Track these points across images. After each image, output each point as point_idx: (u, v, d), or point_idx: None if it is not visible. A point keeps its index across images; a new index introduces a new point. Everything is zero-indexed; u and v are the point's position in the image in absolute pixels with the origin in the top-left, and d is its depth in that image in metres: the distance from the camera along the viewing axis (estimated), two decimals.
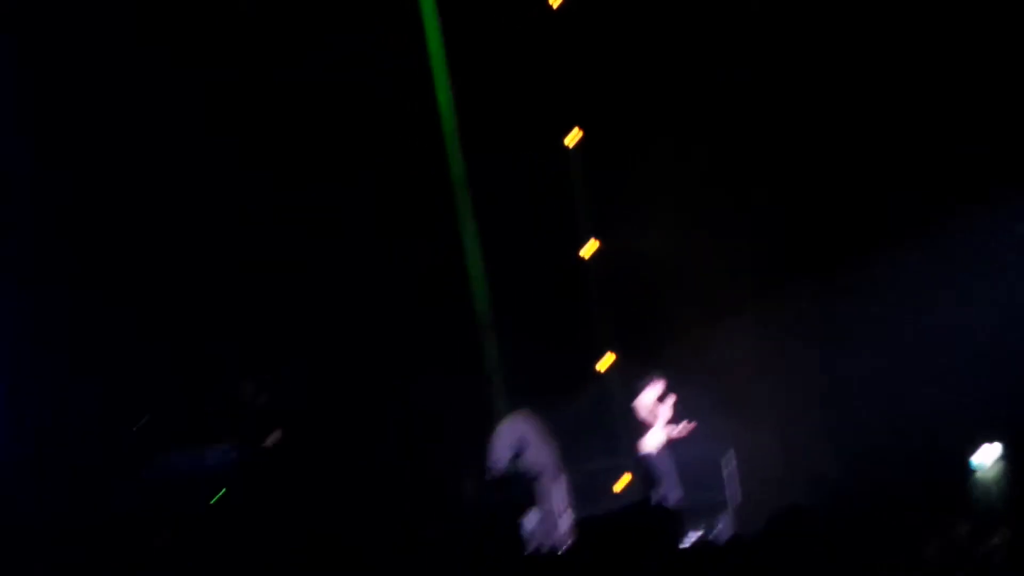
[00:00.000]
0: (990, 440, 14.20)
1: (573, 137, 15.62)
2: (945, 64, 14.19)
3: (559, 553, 11.76)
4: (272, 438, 11.67)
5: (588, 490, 14.24)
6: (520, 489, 12.21)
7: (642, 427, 12.47)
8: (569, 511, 13.54)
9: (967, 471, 14.06)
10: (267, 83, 13.50)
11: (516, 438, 13.48)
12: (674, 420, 12.50)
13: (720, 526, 12.88)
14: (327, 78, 13.68)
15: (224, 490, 11.47)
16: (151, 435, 12.05)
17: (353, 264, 13.61)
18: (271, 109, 13.54)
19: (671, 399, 12.50)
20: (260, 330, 12.95)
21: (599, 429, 15.10)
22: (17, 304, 12.15)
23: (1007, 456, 14.21)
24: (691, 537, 12.20)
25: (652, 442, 12.39)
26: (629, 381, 14.43)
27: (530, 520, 12.16)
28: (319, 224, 13.57)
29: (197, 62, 12.98)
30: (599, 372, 15.54)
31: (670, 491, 12.23)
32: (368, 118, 13.90)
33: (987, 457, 14.23)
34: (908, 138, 14.35)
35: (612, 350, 15.51)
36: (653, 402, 12.50)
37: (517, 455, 13.05)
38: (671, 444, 12.53)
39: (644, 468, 12.43)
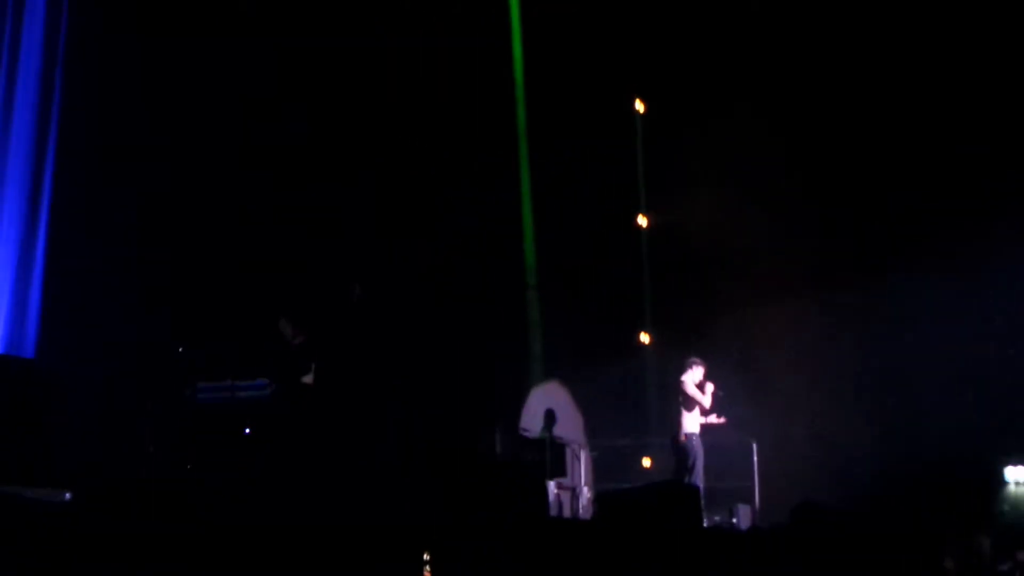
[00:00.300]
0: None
1: (640, 106, 15.65)
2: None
3: (581, 521, 11.84)
4: (308, 378, 11.74)
5: (613, 464, 14.29)
6: (547, 454, 12.23)
7: (682, 407, 12.36)
8: (591, 482, 13.57)
9: (998, 483, 14.00)
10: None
11: (548, 404, 13.49)
12: (714, 405, 12.44)
13: (740, 514, 12.84)
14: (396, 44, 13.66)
15: (249, 426, 11.53)
16: (187, 364, 12.15)
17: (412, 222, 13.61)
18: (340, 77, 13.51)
19: (711, 385, 12.43)
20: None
21: (630, 405, 15.15)
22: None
23: None
24: (712, 521, 12.21)
25: (692, 423, 12.31)
26: (666, 359, 14.46)
27: (552, 487, 12.20)
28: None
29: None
30: (638, 346, 15.59)
31: (699, 474, 12.17)
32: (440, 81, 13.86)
33: (1019, 474, 14.16)
34: (961, 149, 14.25)
35: (655, 325, 15.55)
36: (697, 383, 12.41)
37: (548, 421, 13.06)
38: (706, 428, 12.45)
39: (680, 448, 12.33)
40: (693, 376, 12.47)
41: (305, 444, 10.93)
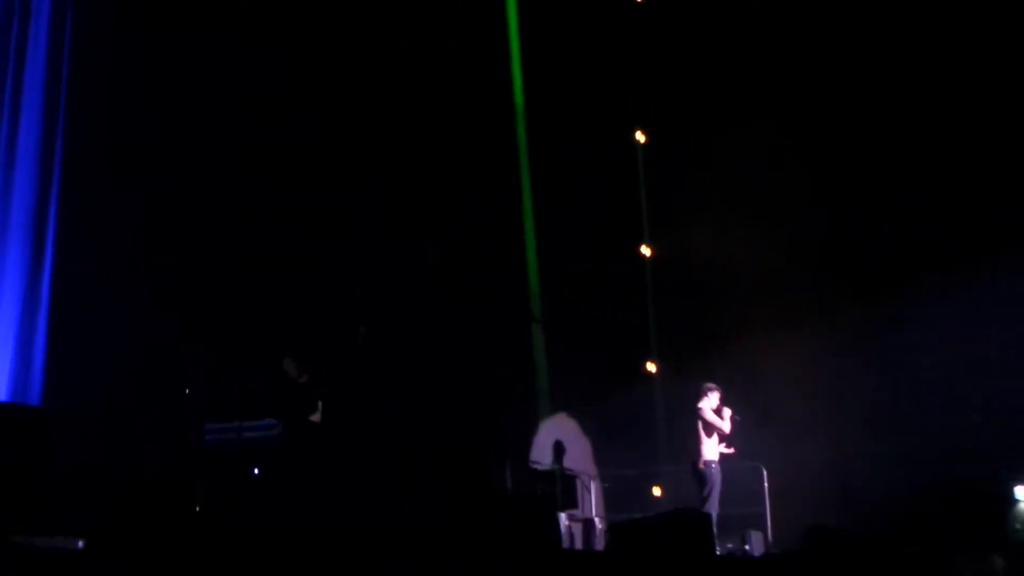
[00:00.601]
0: None
1: (641, 136, 15.71)
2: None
3: (594, 553, 11.78)
4: (315, 416, 11.72)
5: (623, 494, 14.24)
6: (558, 486, 12.21)
7: (702, 434, 12.29)
8: (603, 513, 13.52)
9: (1009, 504, 13.93)
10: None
11: (557, 437, 13.47)
12: (734, 429, 12.38)
13: (752, 540, 12.77)
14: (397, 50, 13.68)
15: (258, 467, 11.50)
16: (194, 406, 12.11)
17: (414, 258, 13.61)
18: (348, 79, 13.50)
19: (729, 410, 12.38)
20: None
21: (639, 434, 15.10)
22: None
23: None
24: (724, 548, 12.15)
25: (711, 450, 12.25)
26: (672, 387, 14.42)
27: (564, 518, 12.16)
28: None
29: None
30: (645, 375, 15.56)
31: (715, 502, 12.10)
32: (441, 103, 13.89)
33: None
34: (972, 174, 14.29)
35: (661, 354, 15.53)
36: (714, 409, 12.36)
37: (558, 453, 13.04)
38: (724, 455, 12.39)
39: (700, 475, 12.25)
40: (710, 402, 12.42)
41: (314, 483, 10.91)
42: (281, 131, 12.99)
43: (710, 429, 12.31)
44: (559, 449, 13.01)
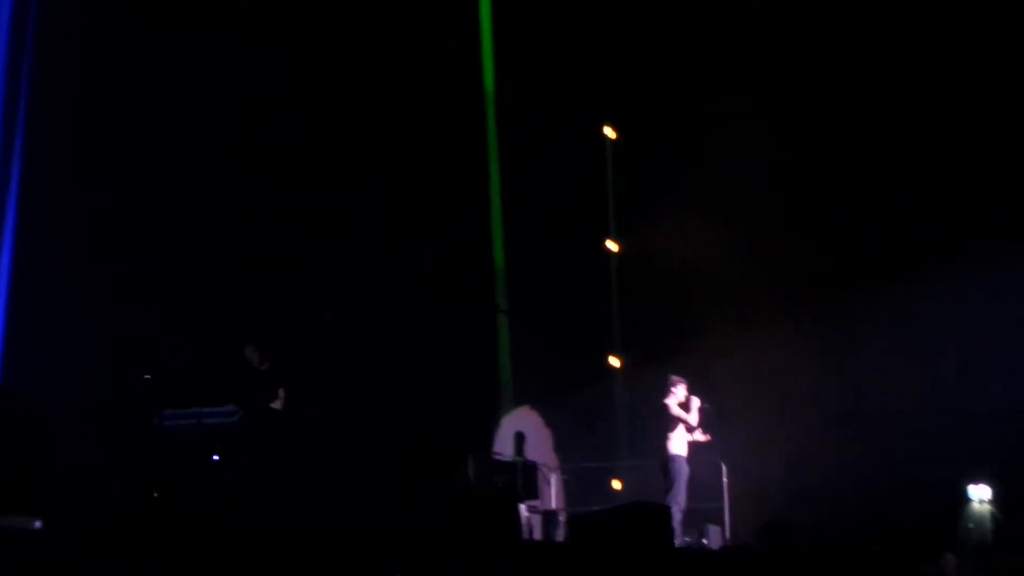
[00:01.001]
0: (986, 476, 14.27)
1: (611, 132, 15.78)
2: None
3: (554, 544, 11.82)
4: (277, 403, 11.70)
5: (584, 487, 14.30)
6: (519, 479, 12.23)
7: (668, 429, 12.32)
8: (564, 505, 13.57)
9: (962, 503, 14.12)
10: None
11: (519, 428, 13.50)
12: (703, 420, 12.40)
13: (711, 534, 12.87)
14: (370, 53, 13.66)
15: (217, 453, 11.46)
16: (154, 392, 12.05)
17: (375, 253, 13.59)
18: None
19: (697, 400, 12.40)
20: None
21: (600, 428, 15.18)
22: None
23: (999, 495, 14.29)
24: (683, 542, 12.22)
25: (677, 445, 12.27)
26: (635, 382, 14.48)
27: (524, 510, 12.19)
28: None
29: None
30: (608, 370, 15.63)
31: (677, 496, 12.14)
32: (412, 99, 13.88)
33: (981, 492, 14.30)
34: (939, 171, 14.45)
35: (624, 349, 15.61)
36: (681, 402, 12.36)
37: (519, 445, 13.06)
38: (698, 443, 12.41)
39: (665, 469, 12.28)
40: (677, 396, 12.44)
41: (273, 470, 10.89)
42: (254, 122, 12.97)
43: (676, 423, 12.36)
44: (520, 440, 13.04)
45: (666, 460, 12.34)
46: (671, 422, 12.36)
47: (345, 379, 12.73)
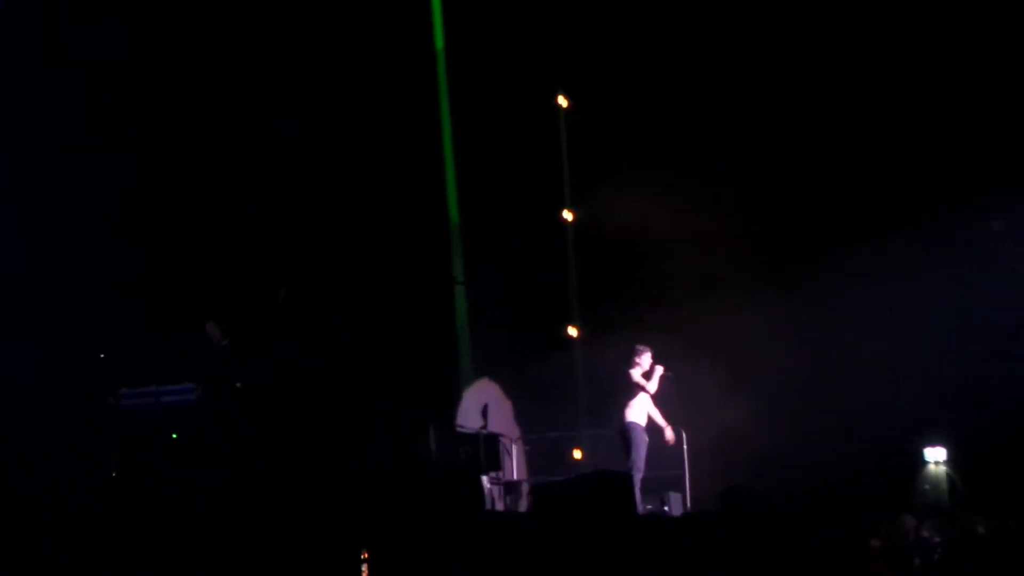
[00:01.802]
0: (942, 438, 14.49)
1: (563, 101, 15.75)
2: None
3: (516, 513, 11.87)
4: (238, 381, 11.63)
5: (545, 457, 14.36)
6: (482, 450, 12.25)
7: (626, 395, 12.37)
8: (526, 475, 13.63)
9: (919, 465, 14.33)
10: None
11: (480, 400, 13.52)
12: (661, 386, 12.41)
13: (672, 501, 12.96)
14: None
15: (176, 431, 11.39)
16: (112, 370, 11.96)
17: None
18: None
19: (661, 368, 12.43)
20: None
21: (560, 398, 15.22)
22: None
23: (954, 456, 14.51)
24: (644, 510, 12.30)
25: (634, 413, 12.30)
26: (595, 352, 14.52)
27: (487, 482, 12.23)
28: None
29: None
30: (566, 339, 15.67)
31: (640, 462, 12.19)
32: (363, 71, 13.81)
33: (937, 454, 14.52)
34: (904, 131, 14.54)
35: (583, 319, 15.65)
36: (645, 372, 12.40)
37: (482, 418, 13.08)
38: (650, 416, 12.45)
39: (625, 437, 12.32)
40: (642, 366, 12.46)
41: (235, 448, 10.85)
42: (246, 122, 12.92)
43: (634, 392, 12.41)
44: (482, 413, 13.06)
45: (625, 428, 12.39)
46: (632, 390, 12.41)
47: (306, 355, 12.69)
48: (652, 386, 12.43)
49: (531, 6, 15.07)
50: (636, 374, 12.44)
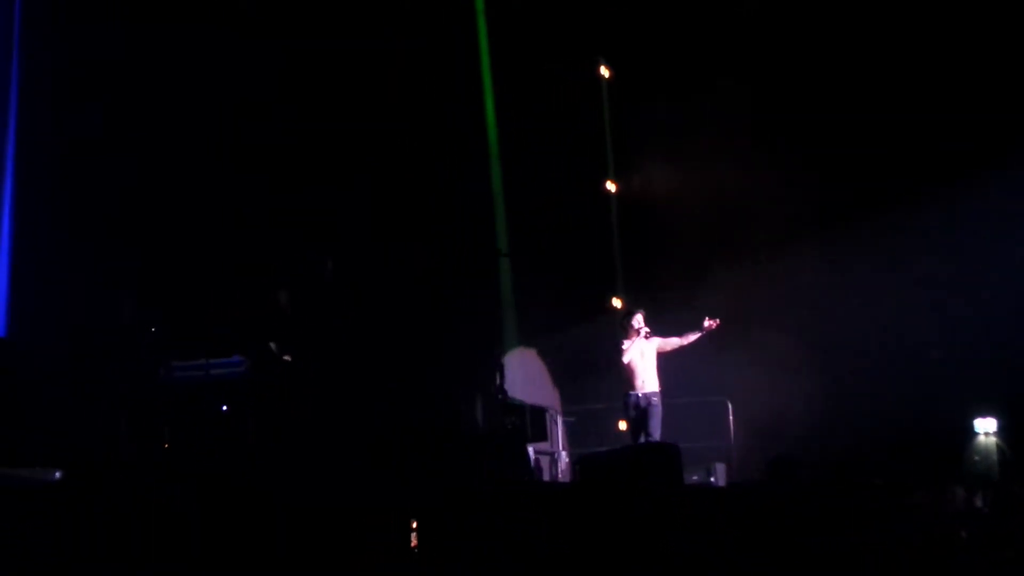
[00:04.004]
0: (992, 409, 14.37)
1: (606, 71, 15.70)
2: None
3: (564, 484, 11.91)
4: (285, 354, 11.70)
5: (589, 428, 14.37)
6: (528, 421, 12.27)
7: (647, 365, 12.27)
8: (567, 447, 13.64)
9: (968, 436, 14.22)
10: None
11: (523, 371, 13.54)
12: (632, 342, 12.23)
13: (718, 471, 12.95)
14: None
15: (225, 405, 11.47)
16: (160, 344, 12.06)
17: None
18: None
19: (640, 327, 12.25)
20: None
21: (603, 369, 15.20)
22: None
23: (1005, 427, 14.40)
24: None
25: (630, 384, 12.16)
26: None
27: (532, 452, 12.25)
28: None
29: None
30: (610, 309, 15.67)
31: (655, 430, 12.11)
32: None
33: (987, 425, 14.40)
34: (937, 94, 14.42)
35: (626, 289, 15.64)
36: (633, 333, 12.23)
37: (526, 387, 13.10)
38: (662, 385, 12.34)
39: (652, 403, 12.24)
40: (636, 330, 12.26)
41: (283, 422, 10.92)
42: (258, 127, 12.96)
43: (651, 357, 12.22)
44: (527, 383, 13.09)
45: (651, 396, 12.28)
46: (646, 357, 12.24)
47: (354, 327, 12.75)
48: (640, 345, 12.16)
49: None
50: (627, 351, 12.20)
